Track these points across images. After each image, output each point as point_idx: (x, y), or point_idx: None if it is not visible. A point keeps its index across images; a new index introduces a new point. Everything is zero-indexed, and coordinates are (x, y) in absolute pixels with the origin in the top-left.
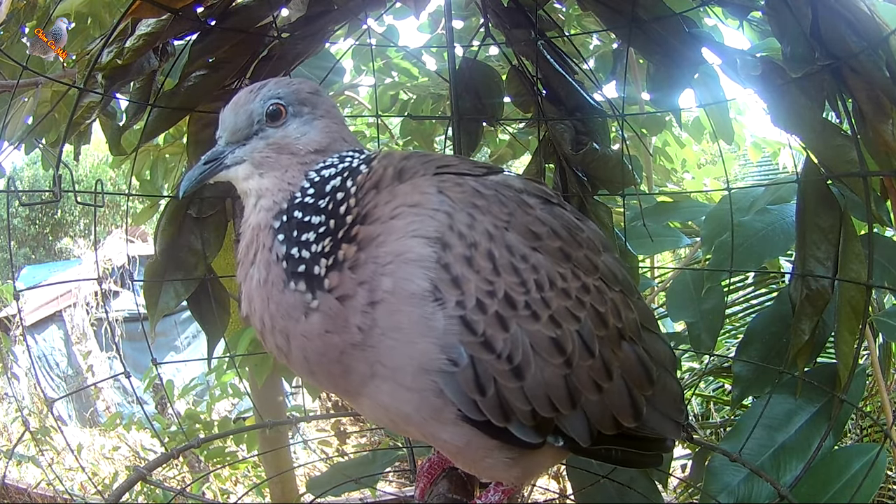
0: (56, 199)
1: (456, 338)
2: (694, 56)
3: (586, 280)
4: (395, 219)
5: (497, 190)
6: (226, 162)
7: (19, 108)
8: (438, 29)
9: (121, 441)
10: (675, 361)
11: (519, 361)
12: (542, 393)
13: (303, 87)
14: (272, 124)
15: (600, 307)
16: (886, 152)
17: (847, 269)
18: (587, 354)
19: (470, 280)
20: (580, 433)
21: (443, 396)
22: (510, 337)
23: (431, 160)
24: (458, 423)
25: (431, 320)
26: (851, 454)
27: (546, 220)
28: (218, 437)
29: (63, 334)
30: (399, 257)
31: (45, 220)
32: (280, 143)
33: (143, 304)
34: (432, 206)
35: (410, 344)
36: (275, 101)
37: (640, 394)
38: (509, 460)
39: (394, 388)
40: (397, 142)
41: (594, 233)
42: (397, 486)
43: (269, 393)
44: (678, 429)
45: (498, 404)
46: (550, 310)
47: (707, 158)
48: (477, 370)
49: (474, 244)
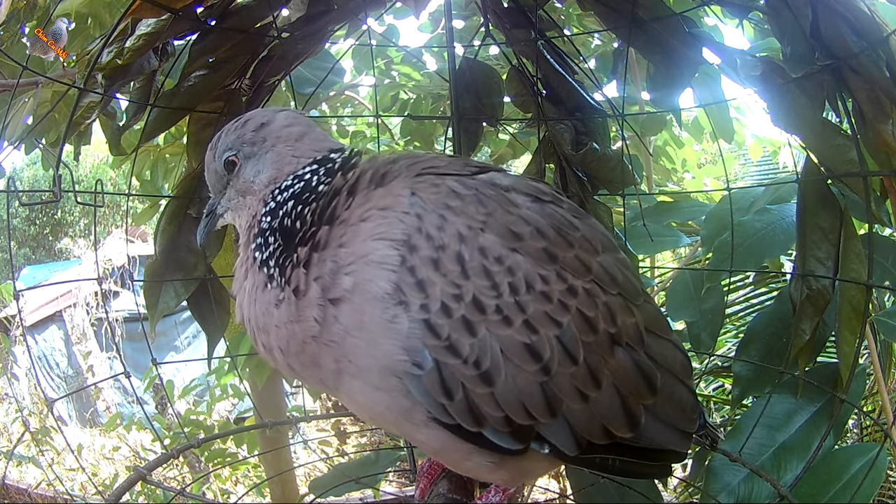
0: (56, 200)
1: (419, 341)
2: (694, 56)
3: (574, 282)
4: (364, 221)
5: (478, 189)
6: (217, 212)
7: (19, 108)
8: (438, 29)
9: (121, 441)
10: (687, 368)
11: (487, 367)
12: (515, 400)
13: (247, 129)
14: (232, 174)
15: (589, 311)
16: (886, 152)
17: (847, 269)
18: (569, 361)
19: (436, 283)
20: (564, 442)
21: (411, 397)
22: (477, 342)
23: (417, 162)
24: (430, 426)
25: (394, 322)
26: (851, 454)
27: (531, 219)
28: (218, 437)
29: (63, 334)
30: (362, 259)
31: (45, 220)
32: (242, 189)
33: (143, 304)
34: (402, 208)
35: (374, 344)
36: (226, 154)
37: (638, 403)
38: (491, 464)
39: (363, 386)
40: (398, 142)
41: (593, 231)
42: (398, 486)
43: (270, 393)
44: (686, 439)
45: (467, 409)
46: (525, 314)
47: (707, 158)
48: (443, 374)
49: (442, 246)
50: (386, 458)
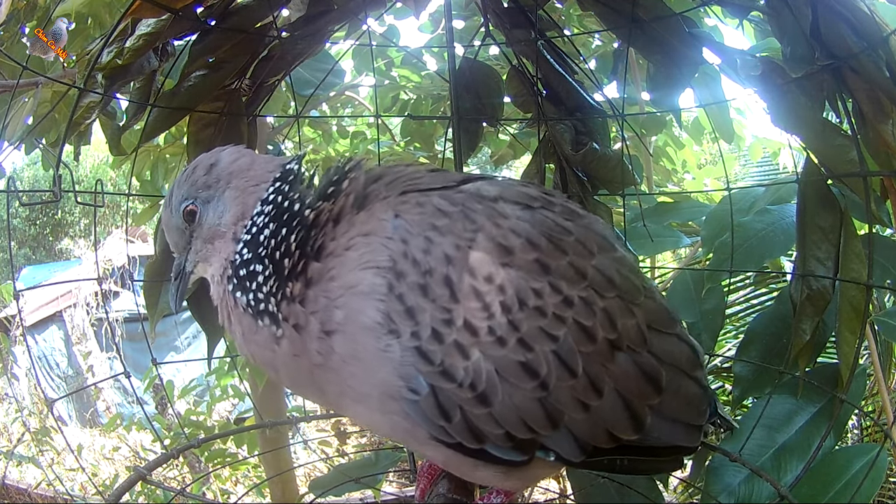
0: (56, 200)
1: (413, 368)
2: (694, 56)
3: (569, 293)
4: (349, 250)
5: (464, 204)
6: (187, 270)
7: (19, 109)
8: (439, 29)
9: (121, 441)
10: (694, 360)
11: (483, 389)
12: (514, 417)
13: (198, 174)
14: (194, 224)
15: (586, 321)
16: (886, 152)
17: (848, 269)
18: (567, 375)
19: (425, 309)
20: (568, 451)
21: (411, 420)
22: (471, 365)
23: (398, 179)
24: (433, 444)
25: (387, 351)
26: (852, 454)
27: (521, 230)
28: (218, 437)
29: (63, 335)
30: (350, 290)
31: (45, 220)
32: (208, 236)
33: (143, 304)
34: (386, 233)
35: (370, 372)
36: (183, 205)
37: (643, 405)
38: (500, 474)
39: (366, 410)
40: (398, 142)
41: (587, 233)
42: (398, 487)
43: (270, 393)
44: (695, 433)
45: (466, 428)
46: (520, 332)
47: (707, 159)
48: (439, 398)
49: (429, 271)
50: (386, 458)
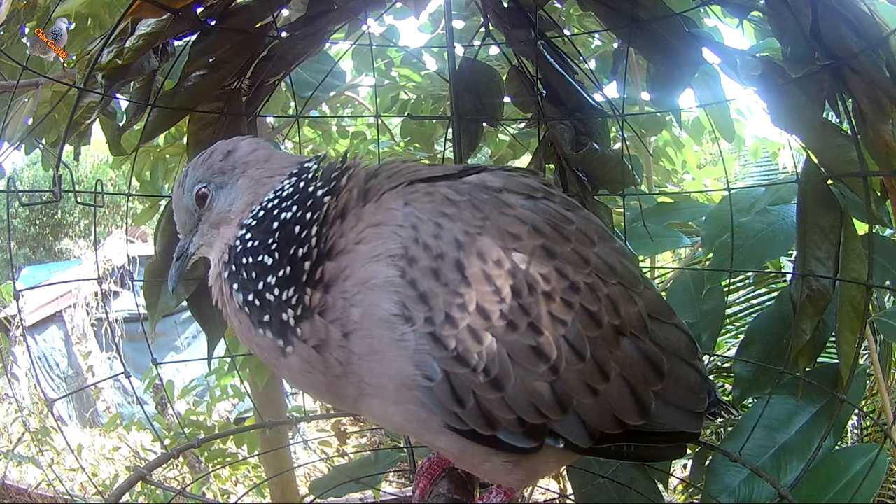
0: (56, 200)
1: (427, 354)
2: (694, 56)
3: (575, 278)
4: (360, 244)
5: (472, 194)
6: (189, 251)
7: (19, 109)
8: (438, 29)
9: (121, 441)
10: (692, 348)
11: (496, 373)
12: (526, 401)
13: (215, 159)
14: (204, 208)
15: (592, 306)
16: (886, 152)
17: (848, 269)
18: (577, 359)
19: (438, 294)
20: (577, 436)
21: (426, 408)
22: (485, 349)
23: (399, 171)
24: (446, 433)
25: (403, 340)
26: (852, 454)
27: (527, 217)
28: (218, 437)
29: (63, 335)
30: (365, 285)
31: (45, 220)
32: (216, 220)
33: (143, 304)
34: (396, 221)
35: (387, 363)
36: (196, 187)
37: (647, 390)
38: (509, 464)
39: (382, 403)
40: (398, 143)
41: (587, 223)
42: (398, 487)
43: (270, 393)
44: (697, 419)
45: (480, 415)
46: (530, 317)
47: (707, 159)
48: (453, 384)
49: (441, 255)
50: (386, 458)
